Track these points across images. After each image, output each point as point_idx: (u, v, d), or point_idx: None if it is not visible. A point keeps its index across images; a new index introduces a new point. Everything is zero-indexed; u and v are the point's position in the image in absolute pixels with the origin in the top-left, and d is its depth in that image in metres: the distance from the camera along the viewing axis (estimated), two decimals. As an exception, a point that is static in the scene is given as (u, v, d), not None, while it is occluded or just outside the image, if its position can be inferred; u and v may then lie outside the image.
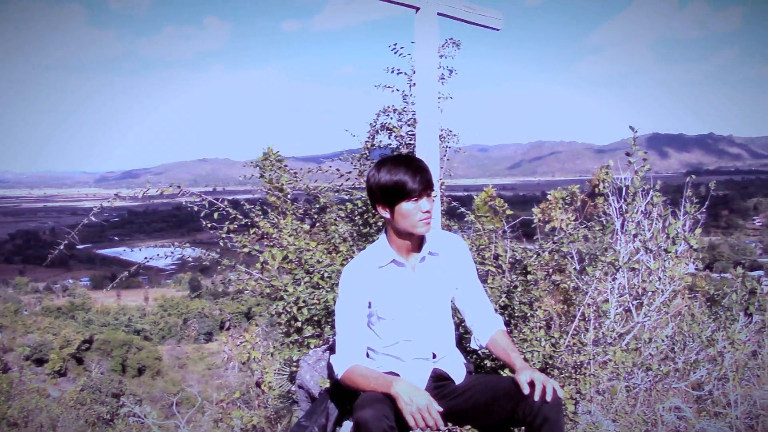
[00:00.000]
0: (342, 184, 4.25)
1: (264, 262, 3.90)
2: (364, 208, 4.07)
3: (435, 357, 2.42)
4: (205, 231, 3.92)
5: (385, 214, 2.33)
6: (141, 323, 51.01)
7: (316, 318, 3.66)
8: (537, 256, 3.85)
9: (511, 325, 3.58)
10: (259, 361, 5.43)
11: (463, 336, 2.98)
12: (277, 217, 4.11)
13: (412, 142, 4.07)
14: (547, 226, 5.40)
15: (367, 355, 2.42)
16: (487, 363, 3.39)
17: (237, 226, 3.96)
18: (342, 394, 2.48)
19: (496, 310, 2.74)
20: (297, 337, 3.72)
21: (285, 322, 3.74)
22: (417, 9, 3.51)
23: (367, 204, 3.95)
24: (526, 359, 2.92)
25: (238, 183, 4.59)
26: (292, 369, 4.31)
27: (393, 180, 2.25)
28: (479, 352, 3.09)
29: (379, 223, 3.95)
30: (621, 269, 3.93)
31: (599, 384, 3.61)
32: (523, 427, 2.14)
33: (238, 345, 6.16)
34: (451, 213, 4.34)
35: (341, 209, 4.16)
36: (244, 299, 4.22)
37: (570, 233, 4.02)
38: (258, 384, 5.64)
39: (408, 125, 4.20)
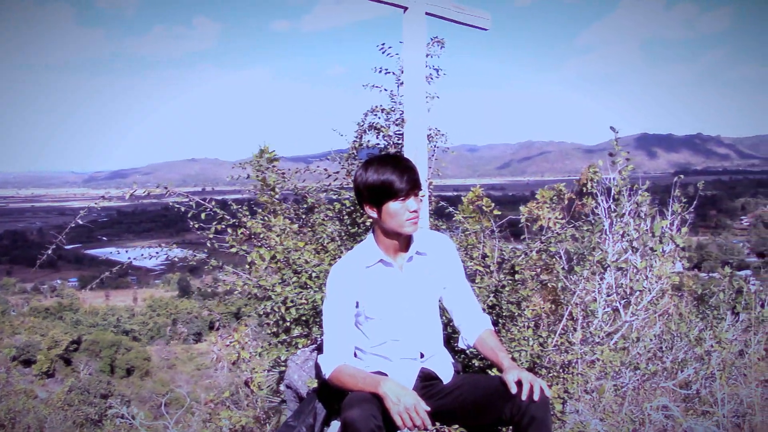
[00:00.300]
0: (330, 184, 4.25)
1: (251, 262, 3.88)
2: (352, 207, 4.06)
3: (423, 357, 2.42)
4: (194, 231, 3.90)
5: (373, 213, 2.32)
6: (130, 324, 50.79)
7: (304, 318, 3.65)
8: (525, 255, 3.86)
9: (499, 325, 3.59)
10: (248, 361, 5.41)
11: (451, 335, 2.97)
12: (268, 217, 4.10)
13: (400, 141, 4.07)
14: (535, 225, 5.41)
15: (355, 355, 2.42)
16: (475, 362, 3.39)
17: (225, 226, 3.94)
18: (330, 393, 2.46)
19: (484, 309, 2.74)
20: (285, 337, 3.70)
21: (273, 322, 3.73)
22: (405, 9, 3.51)
23: (355, 204, 3.94)
24: (513, 359, 2.92)
25: (227, 183, 4.57)
26: (280, 369, 4.30)
27: (380, 179, 2.25)
28: (467, 351, 3.10)
29: (367, 223, 3.94)
30: (609, 268, 3.95)
31: (587, 383, 3.62)
32: (511, 427, 2.14)
33: (227, 345, 6.13)
34: (440, 213, 4.34)
35: (329, 209, 4.15)
36: (231, 301, 4.20)
37: (558, 233, 4.03)
38: (247, 384, 5.61)
39: (396, 125, 4.20)
